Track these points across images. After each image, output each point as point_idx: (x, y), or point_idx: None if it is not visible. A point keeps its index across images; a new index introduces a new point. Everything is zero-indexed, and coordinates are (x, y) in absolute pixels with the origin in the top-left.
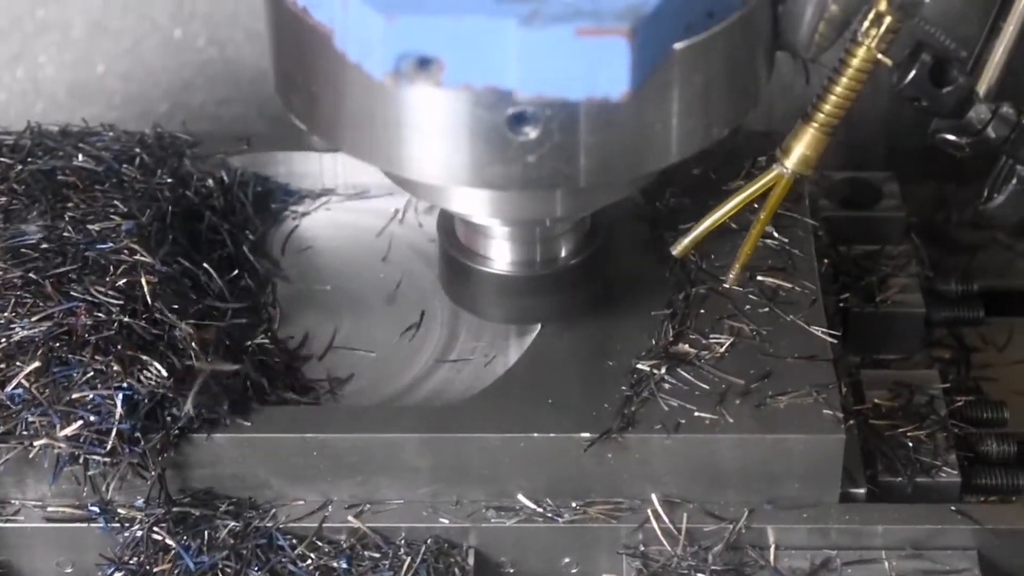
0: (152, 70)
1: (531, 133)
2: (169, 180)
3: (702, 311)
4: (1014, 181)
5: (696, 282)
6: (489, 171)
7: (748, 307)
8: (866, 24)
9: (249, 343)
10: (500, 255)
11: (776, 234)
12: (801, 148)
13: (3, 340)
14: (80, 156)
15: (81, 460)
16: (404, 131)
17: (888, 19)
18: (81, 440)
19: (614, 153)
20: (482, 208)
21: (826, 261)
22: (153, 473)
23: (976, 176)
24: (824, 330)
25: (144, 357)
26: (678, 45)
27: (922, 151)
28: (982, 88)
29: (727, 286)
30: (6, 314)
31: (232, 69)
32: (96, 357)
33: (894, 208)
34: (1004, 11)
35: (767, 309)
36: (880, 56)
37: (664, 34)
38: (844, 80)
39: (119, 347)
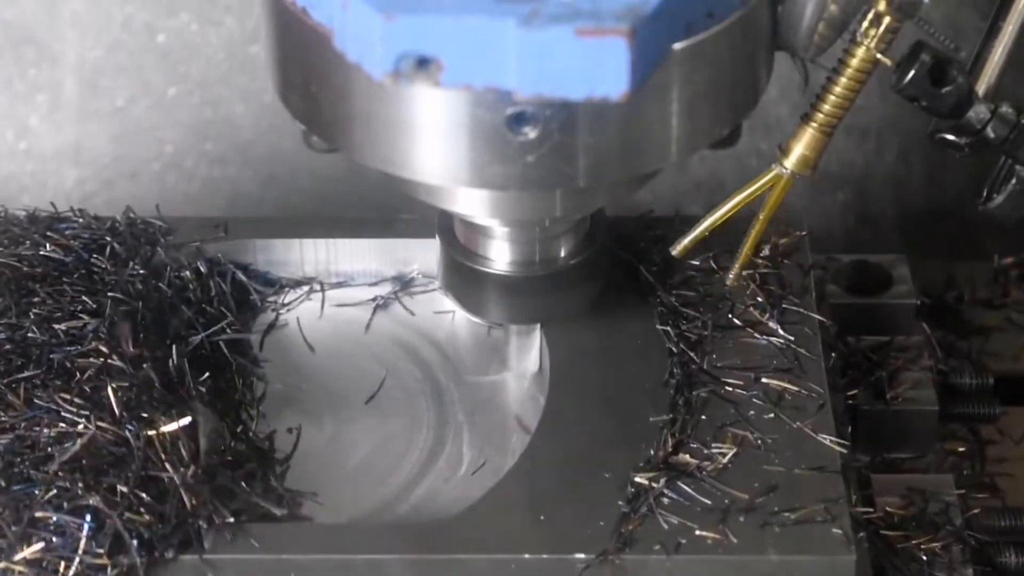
0: (144, 129)
1: (531, 133)
2: (141, 272)
3: (703, 417)
4: (1013, 181)
5: (696, 384)
6: (488, 171)
7: (752, 412)
8: (865, 24)
9: (223, 448)
10: (500, 255)
11: (782, 331)
12: (800, 148)
13: None
14: (48, 245)
15: None
16: (403, 131)
17: (887, 19)
18: (43, 564)
19: (614, 153)
20: (482, 208)
21: (833, 355)
22: None
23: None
24: (833, 439)
25: (112, 473)
26: (678, 45)
27: (931, 221)
28: (981, 88)
29: (728, 284)
30: None
31: (226, 130)
32: (60, 473)
33: (904, 294)
34: (1003, 11)
35: (772, 415)
36: (879, 56)
37: (664, 34)
38: (843, 80)
39: (84, 462)
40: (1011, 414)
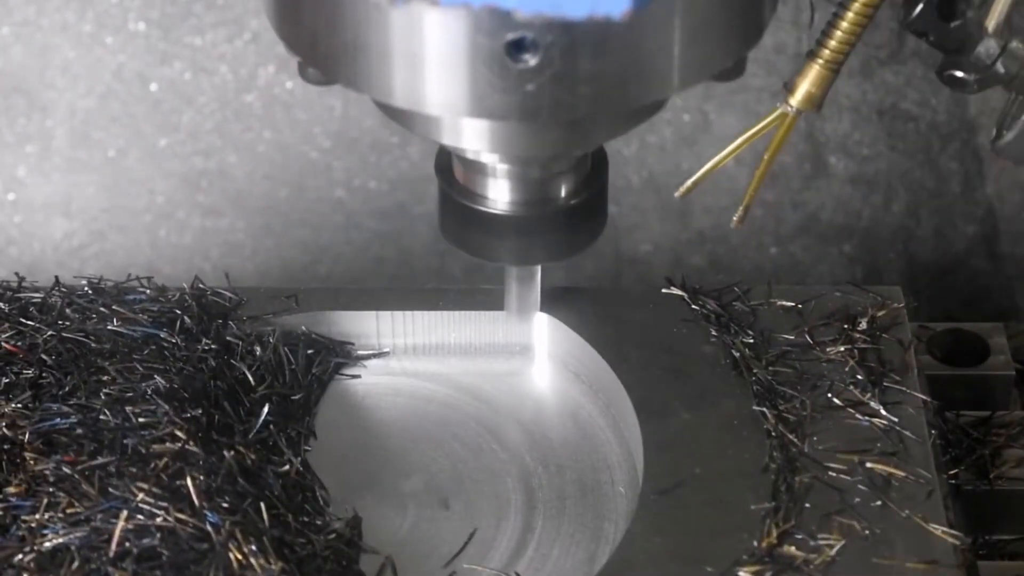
0: (136, 180)
1: (531, 60)
2: (213, 347)
3: (807, 505)
4: (1023, 117)
5: (798, 470)
6: (488, 100)
7: (858, 500)
8: None
9: (302, 540)
10: (499, 194)
11: (884, 411)
12: (806, 85)
13: (33, 549)
14: (115, 320)
15: None
16: (400, 59)
17: None
18: None
19: (615, 81)
20: (481, 141)
21: (934, 432)
22: None
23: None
24: (946, 530)
25: (193, 570)
26: None
27: (939, 275)
28: (991, 23)
29: (732, 227)
30: (36, 516)
31: (218, 180)
32: (139, 570)
33: (1002, 365)
34: None
35: (880, 503)
36: None
37: None
38: (850, 15)
39: (164, 558)
40: None
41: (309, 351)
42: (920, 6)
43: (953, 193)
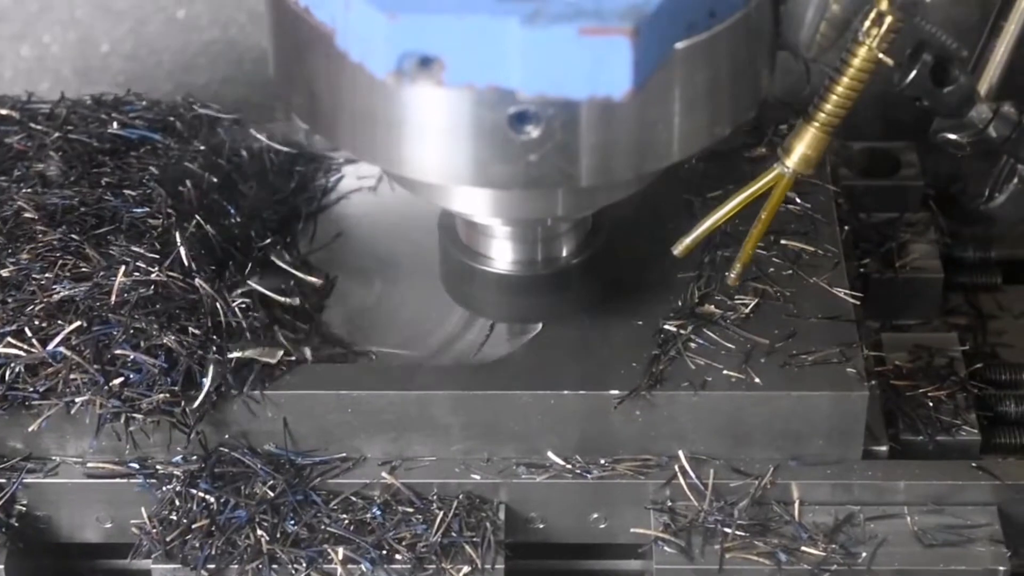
0: (155, 50)
1: (533, 132)
2: (202, 148)
3: (727, 274)
4: (1015, 180)
5: (721, 245)
6: (491, 170)
7: (772, 269)
8: (867, 23)
9: (285, 300)
10: (502, 254)
11: (798, 200)
12: (802, 148)
13: (45, 300)
14: (115, 124)
15: (122, 418)
16: (406, 130)
17: (889, 19)
18: (121, 398)
19: (616, 152)
20: (484, 207)
21: (847, 228)
22: (192, 431)
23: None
24: (847, 291)
25: (183, 317)
26: (680, 44)
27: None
28: (983, 87)
29: (729, 283)
30: (48, 275)
31: (235, 49)
32: (135, 316)
33: (913, 177)
34: (1005, 10)
35: (791, 272)
36: (881, 56)
37: (666, 33)
38: (845, 80)
39: (158, 306)
40: (1011, 292)
41: (290, 157)
42: (914, 72)
43: None
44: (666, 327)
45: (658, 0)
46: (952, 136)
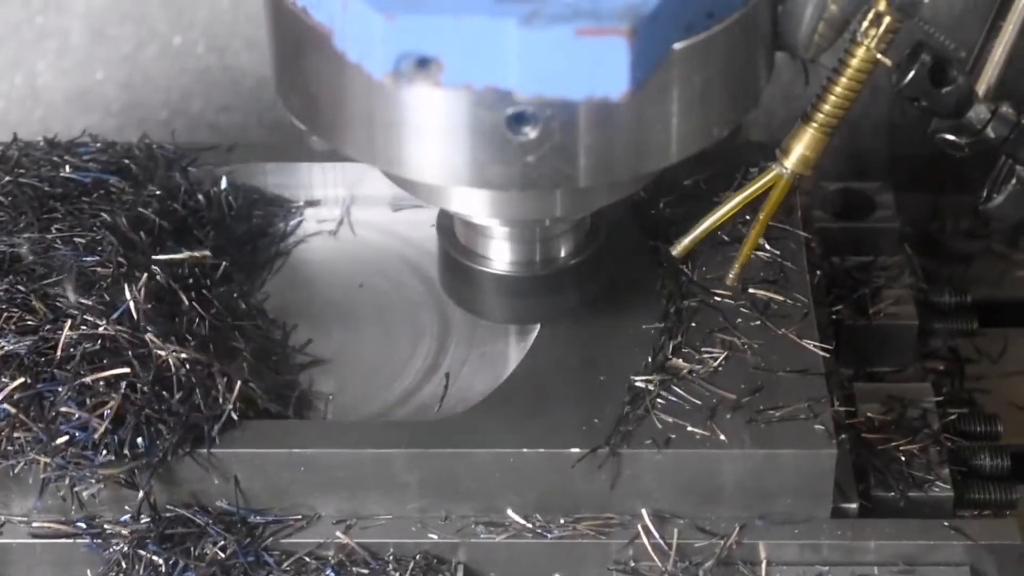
0: (150, 77)
1: (531, 133)
2: (158, 192)
3: (694, 324)
4: (1013, 181)
5: (687, 295)
6: (489, 171)
7: (740, 320)
8: (865, 24)
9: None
10: (500, 255)
11: (768, 246)
12: (800, 148)
13: None
14: (67, 168)
15: (67, 479)
16: (403, 131)
17: (887, 19)
18: (67, 457)
19: (614, 153)
20: (482, 208)
21: (819, 273)
22: (141, 490)
23: (974, 184)
24: (816, 344)
25: (131, 373)
26: (678, 45)
27: (922, 158)
28: (981, 88)
29: (728, 284)
30: None
31: (231, 76)
32: (82, 372)
33: (888, 219)
34: (1003, 10)
35: (759, 322)
36: (880, 56)
37: (664, 34)
38: (843, 80)
39: (105, 362)
40: (989, 335)
41: (250, 199)
42: (913, 73)
43: None
44: (637, 383)
45: (656, 1)
46: (950, 137)
